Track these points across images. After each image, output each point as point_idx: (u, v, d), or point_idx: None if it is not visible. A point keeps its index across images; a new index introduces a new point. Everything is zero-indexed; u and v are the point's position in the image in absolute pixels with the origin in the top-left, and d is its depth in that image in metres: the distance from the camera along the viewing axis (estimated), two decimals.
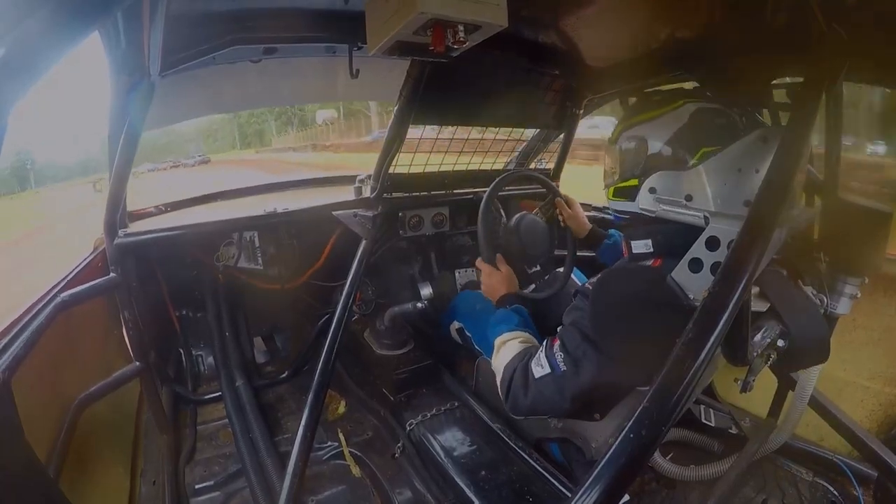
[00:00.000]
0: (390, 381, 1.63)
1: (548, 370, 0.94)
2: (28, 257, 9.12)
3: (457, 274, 2.11)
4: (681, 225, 0.90)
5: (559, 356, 0.93)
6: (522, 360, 1.02)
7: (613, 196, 1.05)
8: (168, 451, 1.40)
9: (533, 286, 1.63)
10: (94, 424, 1.18)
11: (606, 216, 1.82)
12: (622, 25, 1.31)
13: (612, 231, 1.55)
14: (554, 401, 0.96)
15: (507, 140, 1.90)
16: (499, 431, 1.36)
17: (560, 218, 1.57)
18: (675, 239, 0.90)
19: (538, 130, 2.00)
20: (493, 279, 1.30)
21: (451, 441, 1.38)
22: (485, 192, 1.41)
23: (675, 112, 0.94)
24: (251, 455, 1.40)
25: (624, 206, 1.02)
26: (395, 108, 1.51)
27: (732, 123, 0.91)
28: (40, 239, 12.16)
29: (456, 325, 1.64)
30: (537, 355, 0.98)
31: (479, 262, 1.35)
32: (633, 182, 0.98)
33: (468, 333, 1.58)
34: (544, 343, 0.99)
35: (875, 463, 1.06)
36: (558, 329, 0.99)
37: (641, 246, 0.98)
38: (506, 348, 1.10)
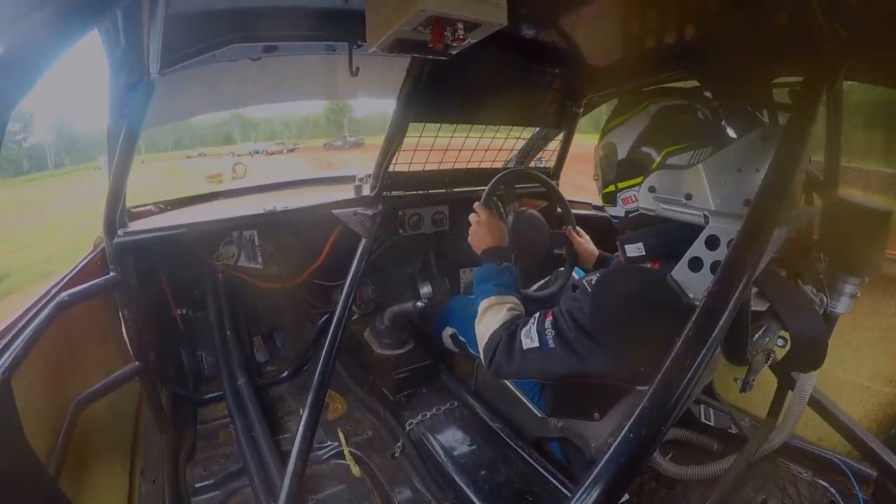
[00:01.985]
0: (390, 380, 1.63)
1: (536, 344, 0.96)
2: None
3: (462, 273, 2.11)
4: (672, 226, 0.90)
5: (550, 333, 0.95)
6: (509, 329, 1.03)
7: (603, 202, 1.07)
8: (168, 450, 1.40)
9: (541, 282, 1.62)
10: (94, 424, 1.18)
11: (605, 214, 1.83)
12: (622, 24, 1.31)
13: (614, 257, 1.55)
14: (537, 373, 1.00)
15: (506, 138, 1.90)
16: (498, 431, 1.37)
17: (566, 248, 1.55)
18: (665, 241, 0.92)
19: (538, 129, 2.00)
20: (485, 227, 1.27)
21: (450, 441, 1.38)
22: (484, 190, 1.41)
23: (638, 115, 0.96)
24: (253, 454, 1.41)
25: (609, 210, 1.05)
26: (395, 106, 1.51)
27: (698, 120, 0.91)
28: None
29: (449, 330, 1.63)
30: (528, 327, 0.99)
31: (477, 205, 1.33)
32: (611, 188, 1.01)
33: (462, 339, 1.58)
34: (536, 316, 1.00)
35: (875, 463, 1.06)
36: (554, 308, 0.99)
37: (634, 250, 0.99)
38: (492, 313, 1.10)
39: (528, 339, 0.97)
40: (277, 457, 1.36)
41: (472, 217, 1.32)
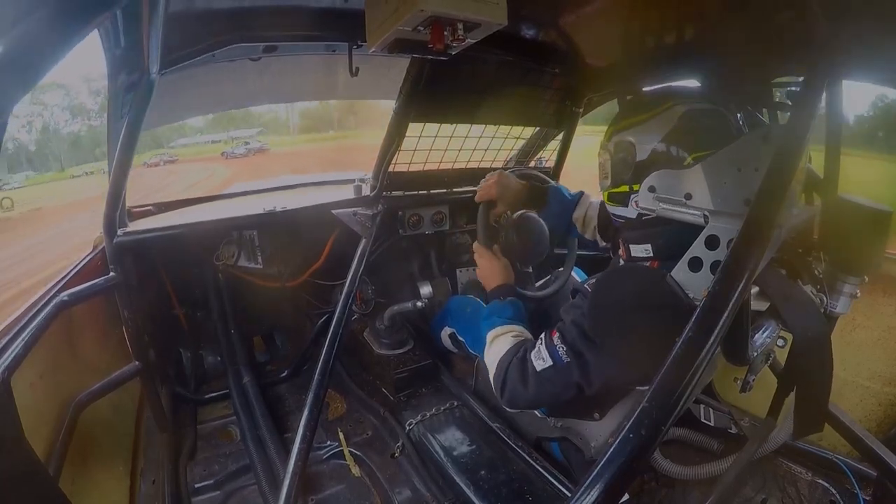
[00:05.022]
0: (390, 380, 1.63)
1: (550, 363, 0.94)
2: None
3: (458, 273, 2.11)
4: (680, 227, 0.89)
5: (561, 349, 0.93)
6: (517, 354, 1.02)
7: (609, 200, 1.04)
8: (168, 450, 1.40)
9: (540, 282, 1.63)
10: (95, 424, 1.18)
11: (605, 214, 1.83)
12: (622, 24, 1.31)
13: (553, 186, 1.44)
14: (557, 392, 0.96)
15: (506, 138, 1.90)
16: (498, 431, 1.37)
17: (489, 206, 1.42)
18: (674, 243, 0.89)
19: (538, 129, 2.00)
20: (492, 266, 1.28)
21: (450, 440, 1.38)
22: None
23: (663, 115, 0.92)
24: (259, 452, 1.41)
25: (618, 210, 1.02)
26: (395, 106, 1.51)
27: (724, 124, 0.90)
28: None
29: (448, 330, 1.63)
30: (537, 348, 0.98)
31: (476, 246, 1.33)
32: (624, 188, 0.97)
33: (461, 338, 1.58)
34: (542, 336, 0.99)
35: (875, 463, 1.05)
36: (557, 324, 0.98)
37: (640, 251, 0.97)
38: (498, 342, 1.09)
39: (540, 360, 0.96)
40: (284, 455, 1.36)
41: (475, 252, 1.34)
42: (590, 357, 0.90)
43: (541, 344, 0.98)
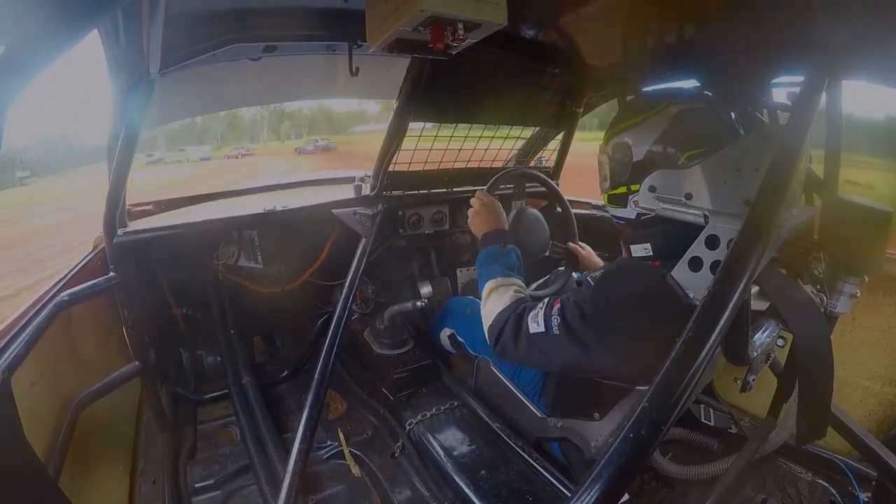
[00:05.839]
0: (390, 380, 1.63)
1: (542, 329, 0.95)
2: None
3: (458, 273, 2.11)
4: (680, 227, 0.90)
5: (555, 320, 0.93)
6: (516, 311, 1.02)
7: (609, 202, 1.06)
8: (168, 450, 1.40)
9: (540, 281, 1.62)
10: (95, 424, 1.18)
11: (605, 214, 1.82)
12: (622, 24, 1.31)
13: None
14: (542, 360, 0.98)
15: (506, 138, 1.90)
16: (498, 431, 1.36)
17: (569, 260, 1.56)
18: (674, 242, 0.90)
19: (538, 129, 2.00)
20: (490, 210, 1.24)
21: (450, 440, 1.38)
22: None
23: (657, 116, 0.94)
24: (259, 452, 1.41)
25: (618, 212, 1.04)
26: (395, 105, 1.51)
27: (719, 123, 0.91)
28: None
29: (447, 331, 1.63)
30: (535, 311, 0.98)
31: (480, 192, 1.30)
32: (622, 189, 0.99)
33: (460, 339, 1.57)
34: (545, 301, 0.99)
35: (875, 463, 1.06)
36: (561, 296, 0.98)
37: (640, 250, 0.98)
38: (499, 294, 1.08)
39: (535, 323, 0.96)
40: (284, 454, 1.36)
41: (472, 201, 1.29)
42: (588, 343, 0.90)
43: (540, 308, 0.97)
